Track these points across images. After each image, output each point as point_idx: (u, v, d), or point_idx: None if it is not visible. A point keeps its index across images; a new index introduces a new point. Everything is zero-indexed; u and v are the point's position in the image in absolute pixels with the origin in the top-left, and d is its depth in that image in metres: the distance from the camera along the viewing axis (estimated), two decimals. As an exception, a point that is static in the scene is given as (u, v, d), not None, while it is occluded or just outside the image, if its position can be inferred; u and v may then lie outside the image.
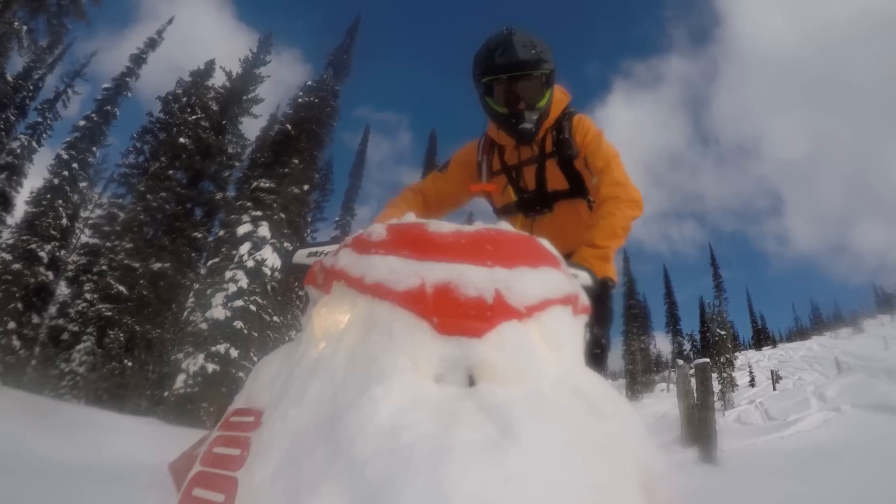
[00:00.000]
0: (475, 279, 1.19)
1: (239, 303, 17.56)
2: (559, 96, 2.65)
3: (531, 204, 2.71)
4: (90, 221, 25.16)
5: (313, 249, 1.84)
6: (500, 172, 2.72)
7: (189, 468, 1.15)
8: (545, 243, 1.54)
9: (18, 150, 24.39)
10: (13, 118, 24.44)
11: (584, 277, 1.83)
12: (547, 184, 2.67)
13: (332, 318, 1.30)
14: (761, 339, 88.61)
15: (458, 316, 1.12)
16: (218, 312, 17.30)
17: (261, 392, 1.25)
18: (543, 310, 1.24)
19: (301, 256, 1.84)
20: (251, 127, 25.75)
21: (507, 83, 2.48)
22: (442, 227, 1.38)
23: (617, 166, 2.47)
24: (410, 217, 1.56)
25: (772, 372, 38.28)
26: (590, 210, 2.68)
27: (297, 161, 21.52)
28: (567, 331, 1.30)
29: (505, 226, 1.51)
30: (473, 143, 2.84)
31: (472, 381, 1.08)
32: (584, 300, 1.46)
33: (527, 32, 2.49)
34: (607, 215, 2.26)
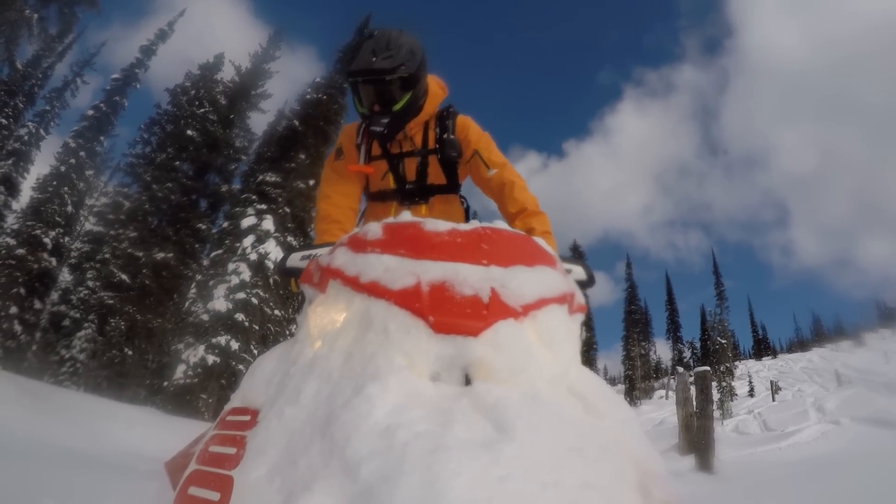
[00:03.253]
0: (471, 278, 1.20)
1: (241, 295, 17.55)
2: (435, 91, 2.71)
3: (410, 194, 2.74)
4: (95, 209, 25.10)
5: (307, 252, 1.85)
6: (380, 158, 2.72)
7: (185, 466, 1.15)
8: (541, 242, 1.54)
9: (26, 137, 24.37)
10: (22, 105, 24.39)
11: (578, 272, 1.83)
12: (427, 177, 2.73)
13: (327, 317, 1.30)
14: (762, 349, 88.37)
15: (453, 315, 1.13)
16: (219, 304, 17.30)
17: (257, 391, 1.26)
18: (539, 308, 1.24)
19: (295, 260, 1.85)
20: (259, 121, 25.78)
21: (364, 85, 2.52)
22: (437, 225, 1.38)
23: (513, 172, 2.68)
24: (406, 216, 1.56)
25: (771, 382, 38.16)
26: (462, 205, 2.90)
27: (303, 156, 21.49)
28: (563, 329, 1.30)
29: (500, 224, 1.52)
30: (353, 125, 2.81)
31: (467, 380, 1.09)
32: (580, 299, 1.46)
33: (388, 35, 2.50)
34: (540, 220, 2.51)
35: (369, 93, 2.52)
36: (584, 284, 1.84)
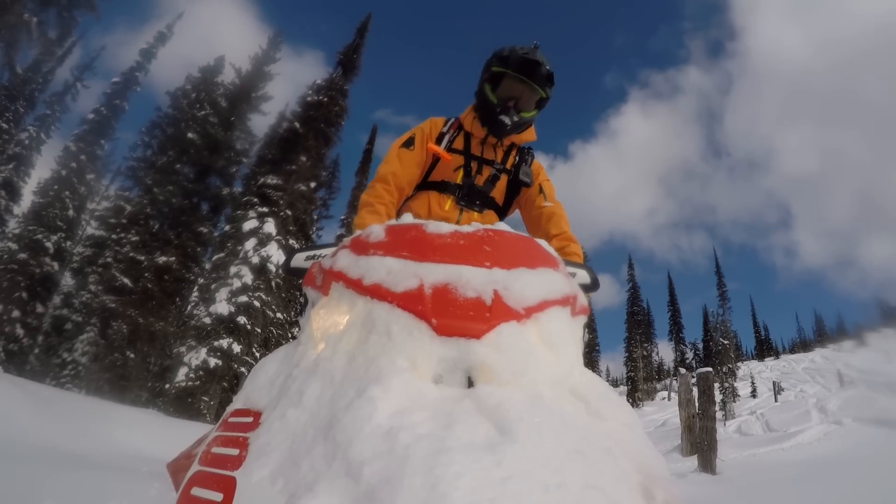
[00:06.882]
0: (474, 280, 1.20)
1: (243, 298, 17.57)
2: (532, 131, 2.94)
3: (470, 197, 2.81)
4: (96, 213, 25.09)
5: (311, 253, 1.85)
6: (459, 153, 2.84)
7: (187, 468, 1.15)
8: (543, 244, 1.54)
9: (27, 141, 24.41)
10: (22, 110, 24.40)
11: (582, 276, 1.84)
12: (492, 190, 2.85)
13: (330, 320, 1.30)
14: (764, 349, 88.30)
15: (456, 317, 1.13)
16: (221, 307, 17.32)
17: (259, 393, 1.26)
18: (542, 311, 1.24)
19: (299, 260, 1.84)
20: (260, 124, 25.77)
21: (513, 80, 2.68)
22: (440, 228, 1.38)
23: (564, 212, 2.90)
24: (408, 218, 1.56)
25: (774, 383, 38.17)
26: None
27: (304, 158, 21.51)
28: (566, 332, 1.30)
29: (502, 226, 1.52)
30: (440, 118, 2.97)
31: (470, 383, 1.09)
32: (583, 301, 1.46)
33: (549, 58, 2.69)
34: (576, 247, 2.71)
35: (515, 89, 2.69)
36: (588, 288, 1.86)
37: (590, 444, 1.00)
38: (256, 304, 17.88)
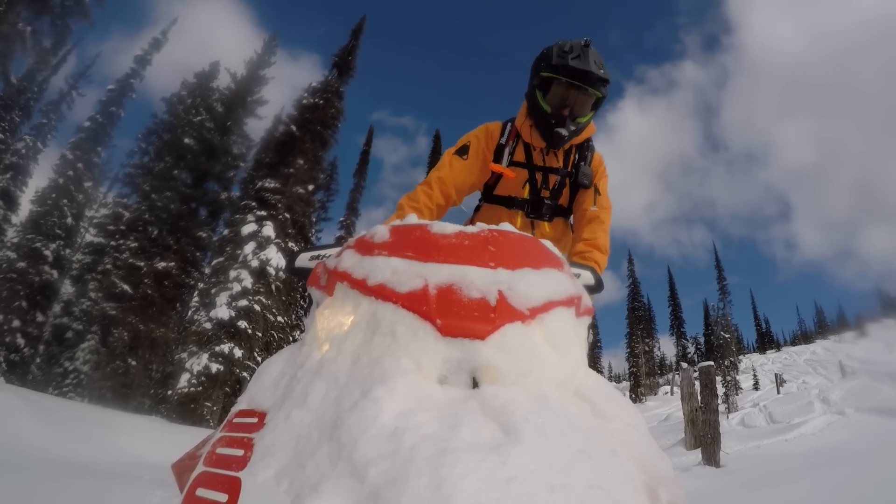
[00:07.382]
0: (478, 281, 1.20)
1: (243, 302, 17.58)
2: (590, 125, 2.78)
3: (539, 209, 2.76)
4: (95, 221, 25.05)
5: (315, 253, 1.83)
6: (522, 166, 2.75)
7: (192, 468, 1.15)
8: (548, 244, 1.54)
9: (23, 151, 24.48)
10: (18, 119, 24.45)
11: (587, 276, 1.83)
12: (559, 197, 2.79)
13: (335, 320, 1.29)
14: (765, 342, 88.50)
15: (461, 318, 1.12)
16: (222, 312, 17.32)
17: (264, 393, 1.25)
18: (546, 311, 1.24)
19: (303, 260, 1.82)
20: (256, 128, 25.80)
21: (565, 87, 2.56)
22: (445, 228, 1.38)
23: (609, 217, 2.80)
24: (413, 218, 1.55)
25: (776, 375, 38.23)
26: (570, 231, 2.93)
27: (301, 161, 21.54)
28: (570, 332, 1.29)
29: (506, 227, 1.51)
30: (495, 124, 2.84)
31: (475, 383, 1.08)
32: (587, 301, 1.46)
33: (599, 53, 2.58)
34: (600, 257, 2.60)
35: (568, 96, 2.57)
36: (592, 290, 1.85)
37: (595, 444, 1.00)
38: (257, 307, 17.89)
